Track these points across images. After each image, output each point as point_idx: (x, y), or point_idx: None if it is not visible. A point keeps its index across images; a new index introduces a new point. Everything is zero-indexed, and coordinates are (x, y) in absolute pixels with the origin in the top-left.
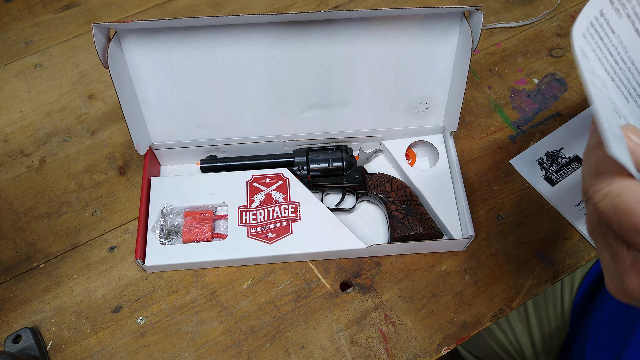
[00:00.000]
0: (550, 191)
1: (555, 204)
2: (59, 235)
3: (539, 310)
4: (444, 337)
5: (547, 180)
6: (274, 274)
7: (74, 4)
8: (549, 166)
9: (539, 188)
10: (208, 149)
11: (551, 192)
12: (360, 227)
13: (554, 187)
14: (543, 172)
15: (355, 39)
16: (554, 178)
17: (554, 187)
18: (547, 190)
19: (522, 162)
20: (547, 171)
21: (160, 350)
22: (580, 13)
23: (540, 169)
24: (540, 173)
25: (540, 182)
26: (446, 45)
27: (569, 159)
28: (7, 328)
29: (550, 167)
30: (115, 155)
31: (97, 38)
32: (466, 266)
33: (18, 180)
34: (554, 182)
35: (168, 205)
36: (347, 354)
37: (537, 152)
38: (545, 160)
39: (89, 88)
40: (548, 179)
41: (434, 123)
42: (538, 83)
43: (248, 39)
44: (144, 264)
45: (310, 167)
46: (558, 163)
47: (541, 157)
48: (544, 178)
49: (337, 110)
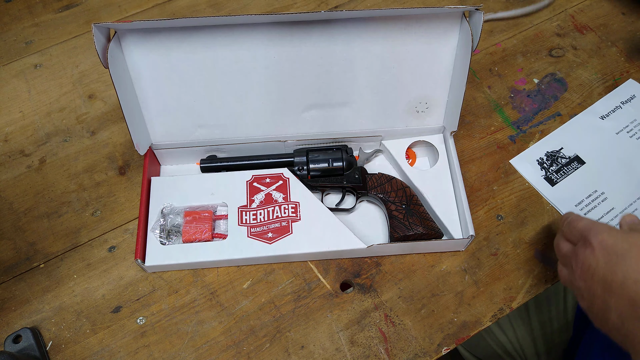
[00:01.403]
0: (551, 191)
1: (555, 204)
2: (59, 235)
3: (541, 310)
4: (444, 337)
5: (547, 180)
6: (274, 274)
7: (74, 4)
8: (549, 166)
9: (539, 188)
10: (208, 149)
11: (551, 192)
12: (360, 227)
13: (554, 187)
14: (543, 172)
15: (355, 39)
16: (554, 178)
17: (554, 187)
18: (547, 190)
19: (522, 162)
20: (547, 171)
21: (160, 350)
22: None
23: (541, 169)
24: (540, 173)
25: (540, 182)
26: (446, 45)
27: (569, 159)
28: (7, 328)
29: (550, 167)
30: (115, 155)
31: (97, 38)
32: (466, 266)
33: (18, 180)
34: (554, 182)
35: (168, 205)
36: (347, 354)
37: (537, 152)
38: (545, 160)
39: (89, 88)
40: (548, 179)
41: (434, 123)
42: (538, 83)
43: (248, 39)
44: (144, 264)
45: (310, 167)
46: (558, 163)
47: (541, 157)
48: (544, 178)
49: (337, 110)
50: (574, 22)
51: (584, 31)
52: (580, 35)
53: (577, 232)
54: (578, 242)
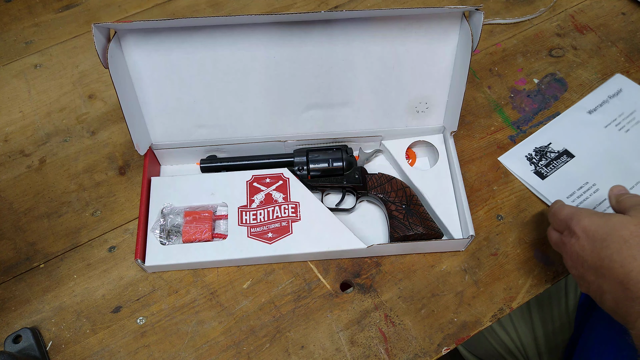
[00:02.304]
0: (541, 184)
1: (546, 196)
2: (59, 235)
3: (542, 309)
4: (444, 337)
5: (537, 174)
6: (274, 274)
7: (74, 4)
8: (538, 161)
9: (530, 182)
10: (208, 149)
11: (542, 185)
12: (360, 227)
13: (544, 180)
14: (532, 166)
15: (355, 39)
16: (544, 172)
17: (544, 180)
18: (537, 183)
19: (510, 159)
20: (536, 165)
21: (160, 350)
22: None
23: (530, 164)
24: (530, 168)
25: (530, 176)
26: (446, 45)
27: (558, 153)
28: (7, 328)
29: (540, 162)
30: (115, 155)
31: (97, 38)
32: (466, 266)
33: (18, 180)
34: (544, 176)
35: (168, 205)
36: (347, 354)
37: (525, 148)
38: (534, 156)
39: (89, 88)
40: (538, 172)
41: (434, 123)
42: (538, 83)
43: (248, 39)
44: (144, 264)
45: (310, 167)
46: (547, 157)
47: (529, 152)
48: (533, 172)
49: (337, 110)
50: (574, 22)
51: (584, 31)
52: (580, 35)
53: (561, 222)
54: (564, 231)
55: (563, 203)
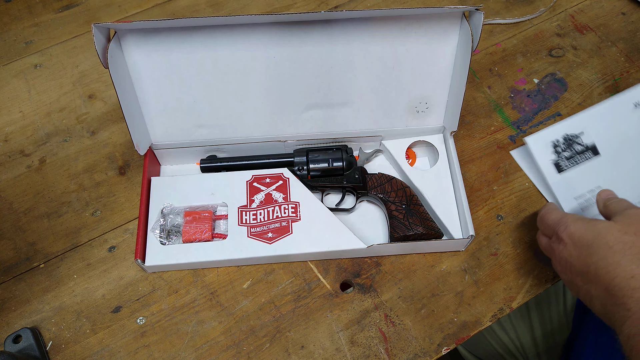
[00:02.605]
0: (555, 178)
1: (554, 192)
2: (59, 235)
3: (541, 309)
4: (444, 337)
5: (556, 165)
6: (274, 274)
7: (74, 4)
8: (562, 150)
9: (545, 172)
10: (208, 149)
11: (555, 179)
12: (360, 227)
13: (561, 174)
14: (555, 156)
15: (355, 39)
16: (563, 165)
17: (560, 174)
18: (552, 175)
19: (536, 143)
20: (559, 155)
21: (160, 350)
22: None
23: (553, 152)
24: (551, 157)
25: (548, 166)
26: (446, 45)
27: (585, 147)
28: (7, 328)
29: (564, 152)
30: (115, 155)
31: (97, 38)
32: (466, 266)
33: (18, 180)
34: (561, 169)
35: (168, 205)
36: (347, 354)
37: (555, 132)
38: (561, 143)
39: (89, 88)
40: (557, 164)
41: (434, 123)
42: (538, 83)
43: (248, 39)
44: (144, 264)
45: (310, 167)
46: (572, 150)
47: (558, 139)
48: (553, 163)
49: (337, 110)
50: (574, 22)
51: (584, 31)
52: (580, 35)
53: (549, 227)
54: (552, 236)
55: (551, 208)
